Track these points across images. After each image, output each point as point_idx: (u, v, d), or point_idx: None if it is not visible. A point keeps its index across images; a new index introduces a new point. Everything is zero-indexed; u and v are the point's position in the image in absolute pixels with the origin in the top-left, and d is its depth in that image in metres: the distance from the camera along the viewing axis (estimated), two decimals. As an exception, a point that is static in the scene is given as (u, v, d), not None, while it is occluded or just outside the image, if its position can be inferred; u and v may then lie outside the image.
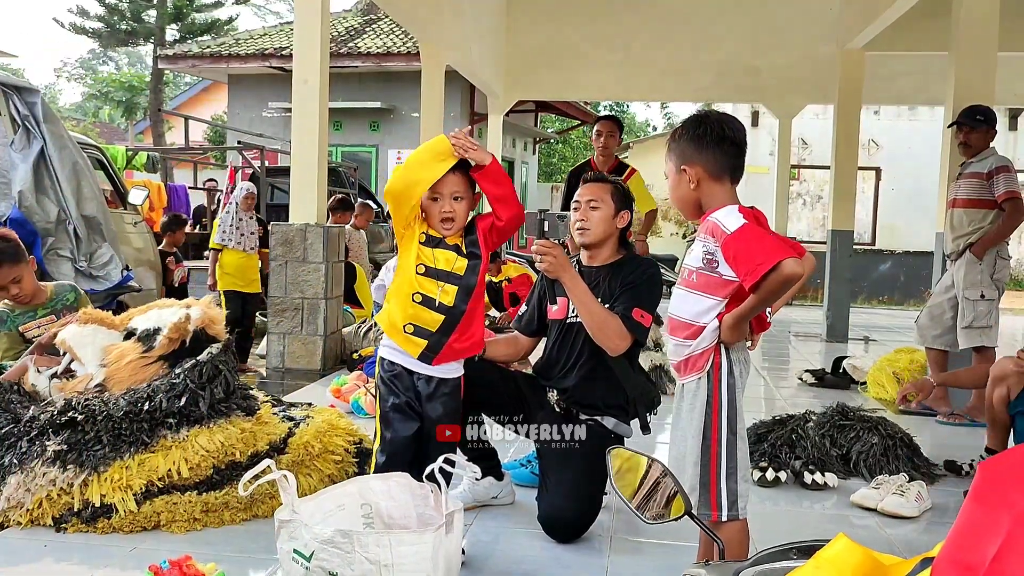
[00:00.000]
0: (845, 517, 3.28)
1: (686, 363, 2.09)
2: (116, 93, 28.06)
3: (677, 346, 2.11)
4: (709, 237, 2.02)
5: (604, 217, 2.95)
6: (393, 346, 2.56)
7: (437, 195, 2.49)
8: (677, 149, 2.11)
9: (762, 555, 1.20)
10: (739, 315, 1.99)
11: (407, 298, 2.50)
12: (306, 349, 5.97)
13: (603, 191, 2.99)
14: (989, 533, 0.82)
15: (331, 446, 3.25)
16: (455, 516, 1.86)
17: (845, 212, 9.02)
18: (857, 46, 8.58)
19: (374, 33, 15.25)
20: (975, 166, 4.90)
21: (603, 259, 3.01)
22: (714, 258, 2.01)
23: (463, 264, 2.53)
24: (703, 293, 2.05)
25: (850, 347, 8.43)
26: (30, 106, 5.56)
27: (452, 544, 1.87)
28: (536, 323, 3.17)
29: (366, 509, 2.16)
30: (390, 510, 2.21)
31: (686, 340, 2.07)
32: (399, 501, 2.21)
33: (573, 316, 2.98)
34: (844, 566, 0.97)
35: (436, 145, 2.47)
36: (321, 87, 5.81)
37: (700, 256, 2.05)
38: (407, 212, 2.48)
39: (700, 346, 2.05)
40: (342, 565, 1.75)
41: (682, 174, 2.08)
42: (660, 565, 2.75)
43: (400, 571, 1.76)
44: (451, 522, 1.84)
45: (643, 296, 2.91)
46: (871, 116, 14.30)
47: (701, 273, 2.05)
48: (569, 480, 2.85)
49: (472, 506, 3.10)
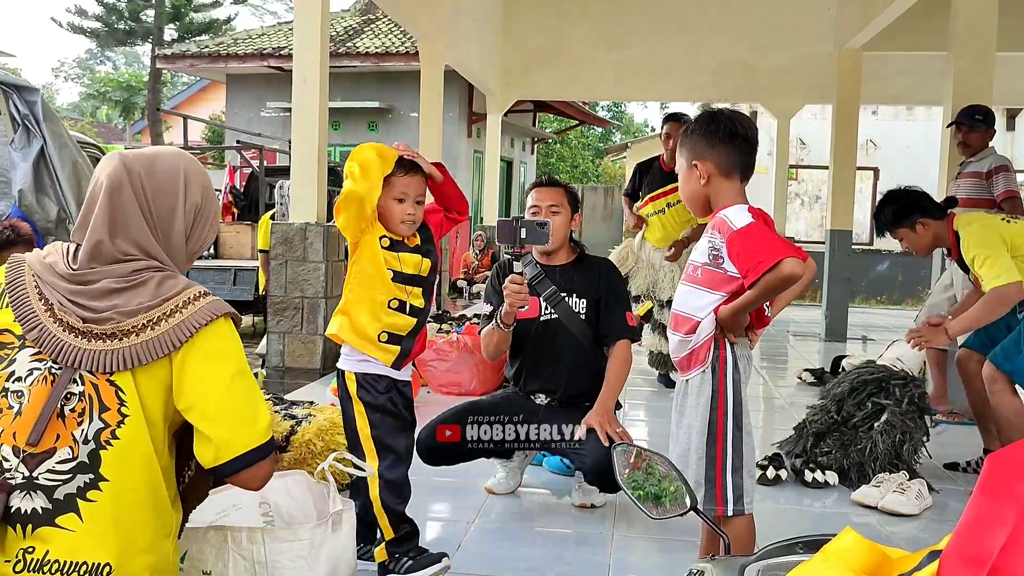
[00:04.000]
0: (846, 515, 3.29)
1: (689, 358, 2.10)
2: (114, 93, 28.01)
3: (680, 342, 2.12)
4: (716, 233, 2.03)
5: (564, 221, 3.11)
6: (364, 357, 2.43)
7: (403, 197, 2.40)
8: (689, 145, 2.11)
9: (768, 549, 1.21)
10: (737, 306, 2.00)
11: (382, 306, 2.41)
12: (306, 348, 5.98)
13: (561, 196, 3.13)
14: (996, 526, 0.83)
15: (333, 444, 3.26)
16: (343, 515, 1.81)
17: (843, 212, 9.03)
18: (855, 46, 8.59)
19: (372, 33, 15.24)
20: (974, 166, 4.92)
21: (562, 259, 3.17)
22: (719, 253, 2.02)
23: (427, 265, 2.49)
24: (707, 288, 2.06)
25: (849, 346, 8.44)
26: (30, 105, 5.55)
27: (339, 543, 1.81)
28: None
29: (265, 508, 2.09)
30: (290, 508, 2.13)
31: (687, 336, 2.09)
32: (299, 499, 2.15)
33: (548, 313, 3.05)
34: (852, 559, 0.98)
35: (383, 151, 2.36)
36: (321, 86, 5.81)
37: (706, 251, 2.06)
38: (368, 214, 2.37)
39: (700, 338, 2.06)
40: (216, 563, 1.70)
41: (692, 169, 2.09)
42: (664, 561, 2.76)
43: (276, 568, 1.71)
44: (338, 520, 1.79)
45: (625, 298, 3.20)
46: (869, 116, 14.31)
47: (706, 268, 2.07)
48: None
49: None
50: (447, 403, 5.01)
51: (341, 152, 15.14)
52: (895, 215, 3.58)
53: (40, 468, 1.42)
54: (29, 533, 1.41)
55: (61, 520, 1.41)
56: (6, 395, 1.44)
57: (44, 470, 1.42)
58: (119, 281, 1.51)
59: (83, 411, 1.44)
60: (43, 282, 1.50)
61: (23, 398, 1.44)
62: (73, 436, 1.43)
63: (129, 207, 1.54)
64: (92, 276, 1.51)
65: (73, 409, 1.44)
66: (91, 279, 1.51)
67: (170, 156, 1.63)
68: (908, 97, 12.35)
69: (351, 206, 2.33)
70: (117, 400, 1.46)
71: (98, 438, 1.44)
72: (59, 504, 1.41)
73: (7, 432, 1.42)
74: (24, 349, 1.47)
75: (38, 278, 1.51)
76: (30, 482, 1.41)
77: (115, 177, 1.54)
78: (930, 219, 3.50)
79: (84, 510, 1.42)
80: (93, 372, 1.45)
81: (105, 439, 1.44)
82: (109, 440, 1.44)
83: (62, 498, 1.42)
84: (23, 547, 1.40)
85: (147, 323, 1.47)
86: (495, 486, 3.38)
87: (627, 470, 1.63)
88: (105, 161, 1.58)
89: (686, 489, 1.49)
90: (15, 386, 1.45)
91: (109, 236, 1.52)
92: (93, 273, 1.51)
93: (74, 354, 1.45)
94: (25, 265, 1.54)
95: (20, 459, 1.41)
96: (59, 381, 1.44)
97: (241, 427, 1.51)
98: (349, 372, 2.45)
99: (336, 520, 1.76)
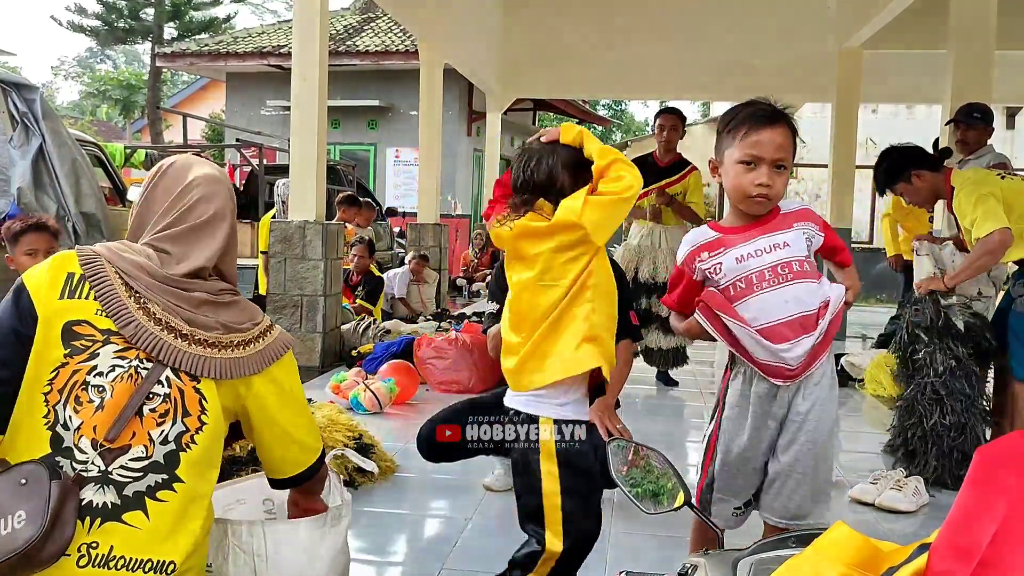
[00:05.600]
0: (842, 511, 3.29)
1: (814, 351, 1.98)
2: (114, 91, 28.02)
3: (802, 340, 1.95)
4: (808, 223, 2.02)
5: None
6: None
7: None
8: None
9: (761, 544, 1.21)
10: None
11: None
12: (305, 346, 5.98)
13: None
14: (986, 517, 0.83)
15: (331, 441, 3.27)
16: (343, 509, 1.82)
17: (843, 210, 9.03)
18: (855, 44, 8.59)
19: (372, 31, 15.24)
20: (973, 164, 4.91)
21: None
22: (812, 243, 2.02)
23: None
24: (814, 279, 2.00)
25: (848, 345, 8.44)
26: (29, 103, 5.56)
27: (339, 537, 1.82)
28: None
29: (268, 504, 2.08)
30: None
31: (810, 332, 1.96)
32: None
33: None
34: (843, 552, 0.98)
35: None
36: (320, 84, 5.81)
37: (804, 244, 2.00)
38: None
39: (824, 325, 1.98)
40: (216, 556, 1.71)
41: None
42: (661, 557, 2.76)
43: (276, 561, 1.72)
44: (338, 515, 1.80)
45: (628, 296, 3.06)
46: (869, 114, 14.31)
47: (807, 260, 2.01)
48: None
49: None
50: (446, 400, 5.02)
51: (341, 150, 15.14)
52: (891, 170, 3.64)
53: (115, 463, 1.43)
54: (95, 528, 1.40)
55: (128, 516, 1.42)
56: (87, 388, 1.44)
57: (118, 466, 1.43)
58: (211, 296, 1.56)
59: (165, 412, 1.47)
60: (132, 279, 1.50)
61: (105, 393, 1.44)
62: (150, 435, 1.45)
63: (233, 241, 1.64)
64: (190, 286, 1.54)
65: (154, 409, 1.46)
66: (190, 288, 1.54)
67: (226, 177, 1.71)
68: (908, 96, 12.37)
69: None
70: (199, 407, 1.50)
71: (179, 440, 1.47)
72: (127, 500, 1.42)
73: (87, 424, 1.43)
74: (108, 344, 1.47)
75: (124, 275, 1.50)
76: (105, 476, 1.42)
77: (231, 213, 1.64)
78: (925, 171, 3.55)
79: (151, 509, 1.43)
80: (181, 376, 1.48)
81: (186, 442, 1.47)
82: (189, 444, 1.48)
83: (131, 495, 1.43)
84: (87, 542, 1.40)
85: (242, 342, 1.55)
86: (493, 483, 3.38)
87: (624, 467, 1.63)
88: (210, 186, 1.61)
89: (680, 485, 1.49)
90: (97, 380, 1.45)
91: (219, 261, 1.60)
92: (191, 284, 1.55)
93: (174, 354, 1.48)
94: (103, 259, 1.52)
95: (97, 452, 1.42)
96: (145, 380, 1.46)
97: (308, 447, 1.67)
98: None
99: (336, 515, 1.77)
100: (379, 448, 3.64)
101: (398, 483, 3.55)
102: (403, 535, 3.12)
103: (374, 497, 3.32)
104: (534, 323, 1.92)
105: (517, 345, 1.94)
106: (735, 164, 1.95)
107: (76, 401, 1.43)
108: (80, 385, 1.44)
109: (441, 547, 2.88)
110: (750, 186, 1.93)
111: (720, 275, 2.00)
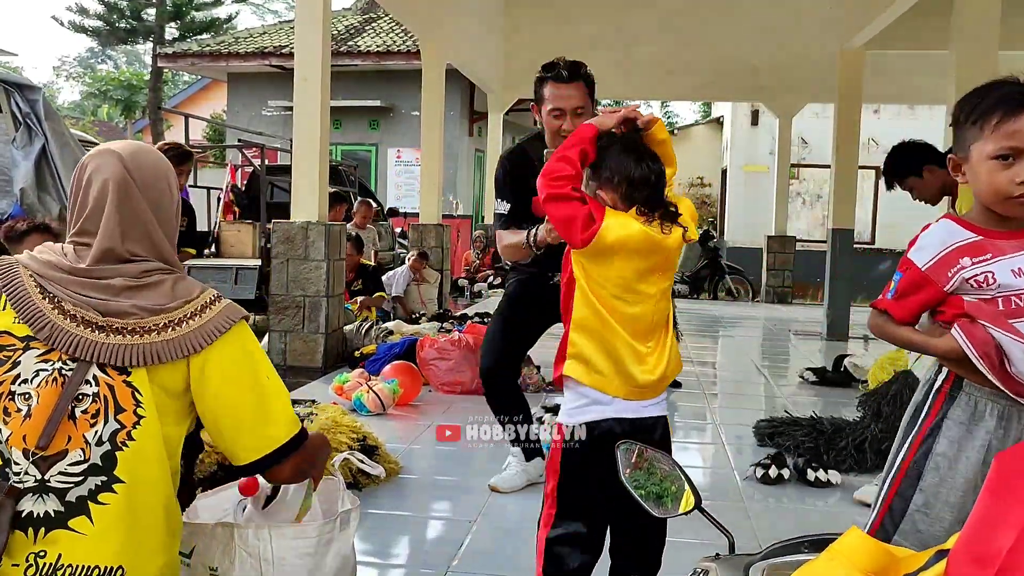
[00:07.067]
0: (848, 514, 3.28)
1: None
2: (115, 91, 28.03)
3: None
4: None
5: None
6: None
7: None
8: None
9: (774, 548, 1.21)
10: None
11: None
12: (307, 347, 5.98)
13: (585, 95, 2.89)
14: (1004, 525, 0.83)
15: (335, 443, 3.25)
16: (351, 513, 1.80)
17: (845, 211, 9.03)
18: (857, 44, 8.59)
19: (374, 32, 15.24)
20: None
21: None
22: None
23: None
24: None
25: (850, 345, 8.44)
26: (32, 103, 5.56)
27: (347, 541, 1.80)
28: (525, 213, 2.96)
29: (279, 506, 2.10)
30: None
31: None
32: None
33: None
34: (858, 558, 0.97)
35: None
36: (322, 84, 5.81)
37: None
38: None
39: None
40: (222, 559, 1.69)
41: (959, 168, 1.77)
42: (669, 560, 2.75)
43: (282, 565, 1.70)
44: (346, 519, 1.79)
45: None
46: (871, 115, 14.29)
47: None
48: None
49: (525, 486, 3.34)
50: (448, 401, 5.03)
51: (342, 151, 15.15)
52: (902, 164, 3.62)
53: (52, 471, 1.39)
54: (40, 537, 1.38)
55: (73, 523, 1.39)
56: (13, 398, 1.41)
57: (56, 472, 1.39)
58: (132, 280, 1.48)
59: (97, 412, 1.42)
60: (46, 279, 1.46)
61: (31, 400, 1.40)
62: (85, 438, 1.41)
63: (139, 209, 1.51)
64: (104, 273, 1.48)
65: (85, 411, 1.41)
66: (104, 276, 1.47)
67: (148, 149, 1.61)
68: (910, 96, 12.36)
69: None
70: (133, 401, 1.43)
71: (114, 439, 1.42)
72: (71, 507, 1.39)
73: (16, 435, 1.39)
74: (28, 351, 1.43)
75: (37, 276, 1.46)
76: (42, 485, 1.39)
77: (120, 179, 1.51)
78: (935, 166, 3.55)
79: (95, 513, 1.40)
80: (108, 371, 1.42)
81: (121, 440, 1.42)
82: (125, 441, 1.42)
83: (74, 500, 1.39)
84: (33, 551, 1.38)
85: (168, 323, 1.45)
86: (499, 484, 3.37)
87: (628, 469, 1.62)
88: (99, 159, 1.52)
89: (690, 489, 1.48)
90: (22, 388, 1.41)
91: (121, 240, 1.49)
92: (104, 271, 1.48)
93: (92, 348, 1.41)
94: (19, 265, 1.48)
95: (31, 462, 1.39)
96: (70, 382, 1.41)
97: (268, 427, 1.53)
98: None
99: (344, 519, 1.76)
100: (383, 449, 3.63)
101: (402, 484, 3.55)
102: (408, 537, 3.11)
103: (378, 499, 3.31)
104: (664, 328, 1.97)
105: (646, 353, 1.92)
106: (987, 160, 1.64)
107: (4, 412, 1.40)
108: (7, 396, 1.41)
109: (447, 549, 2.87)
110: (1011, 185, 1.61)
111: (993, 287, 1.62)
